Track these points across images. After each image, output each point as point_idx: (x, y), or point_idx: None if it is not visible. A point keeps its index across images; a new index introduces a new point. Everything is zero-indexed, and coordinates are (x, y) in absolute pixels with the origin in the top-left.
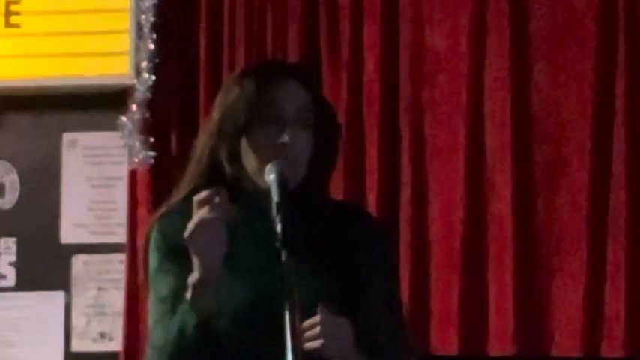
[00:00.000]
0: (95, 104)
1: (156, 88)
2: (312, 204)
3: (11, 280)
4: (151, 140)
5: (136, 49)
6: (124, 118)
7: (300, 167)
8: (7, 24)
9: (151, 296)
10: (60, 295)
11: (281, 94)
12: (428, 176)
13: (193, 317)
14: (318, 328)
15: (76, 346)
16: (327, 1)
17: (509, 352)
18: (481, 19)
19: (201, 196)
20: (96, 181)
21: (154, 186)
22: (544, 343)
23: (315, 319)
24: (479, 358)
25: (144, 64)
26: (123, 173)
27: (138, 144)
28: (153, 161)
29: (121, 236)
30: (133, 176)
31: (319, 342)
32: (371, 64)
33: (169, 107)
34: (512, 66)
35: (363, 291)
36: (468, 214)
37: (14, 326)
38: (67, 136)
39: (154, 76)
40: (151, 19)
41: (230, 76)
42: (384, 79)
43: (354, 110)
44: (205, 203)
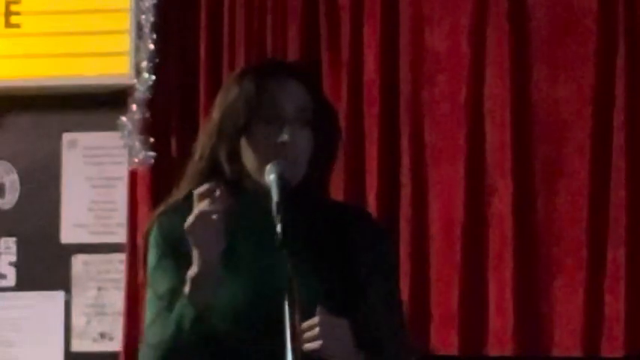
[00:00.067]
0: (95, 104)
1: (156, 88)
2: (313, 204)
3: (11, 280)
4: (151, 140)
5: (136, 49)
6: (124, 118)
7: (300, 166)
8: (7, 24)
9: (148, 293)
10: (60, 295)
11: (281, 93)
12: (428, 176)
13: (191, 311)
14: (317, 330)
15: (76, 346)
16: (327, 1)
17: (509, 352)
18: (481, 19)
19: (201, 189)
20: (96, 181)
21: (154, 186)
22: (544, 343)
23: (314, 320)
24: (479, 358)
25: (144, 64)
26: (123, 173)
27: (138, 144)
28: (153, 161)
29: (121, 236)
30: (133, 176)
31: (318, 343)
32: (371, 64)
33: (169, 107)
34: (512, 66)
35: (363, 291)
36: (468, 214)
37: (14, 326)
38: (67, 136)
39: (153, 76)
40: (151, 19)
41: (230, 76)
42: (384, 79)
43: (354, 110)
44: (206, 196)
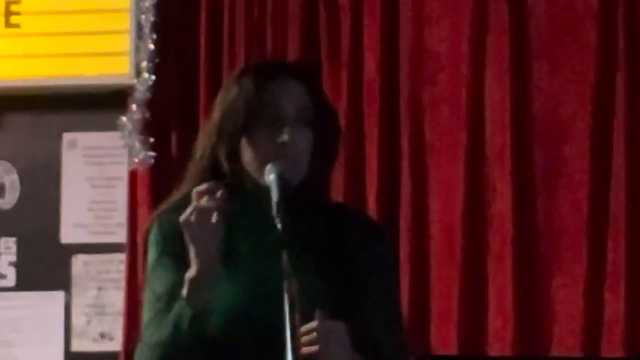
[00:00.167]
0: (95, 104)
1: (156, 88)
2: (313, 204)
3: (11, 280)
4: (151, 140)
5: (136, 49)
6: (124, 118)
7: (300, 166)
8: (7, 24)
9: (146, 292)
10: (60, 295)
11: (280, 93)
12: (428, 176)
13: (189, 312)
14: (314, 334)
15: (76, 346)
16: (327, 1)
17: (509, 352)
18: (481, 19)
19: (201, 187)
20: (96, 181)
21: (154, 186)
22: (544, 343)
23: (312, 324)
24: (479, 358)
25: (144, 64)
26: (123, 173)
27: (138, 144)
28: (153, 161)
29: (121, 236)
30: (133, 176)
31: (315, 348)
32: (371, 64)
33: (169, 107)
34: (512, 66)
35: (362, 291)
36: (468, 213)
37: (14, 326)
38: (67, 136)
39: (154, 76)
40: (151, 19)
41: (230, 76)
42: (384, 79)
43: (354, 110)
44: (204, 194)
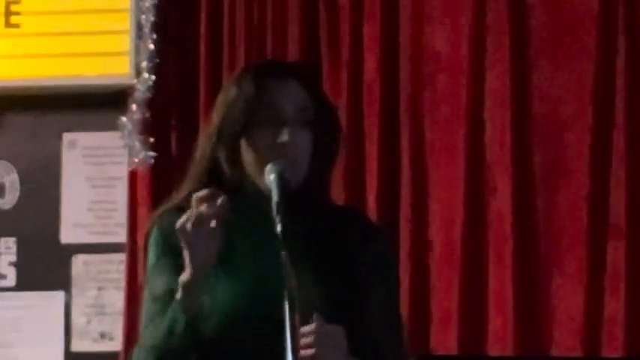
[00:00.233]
0: (95, 104)
1: (156, 88)
2: (313, 204)
3: (11, 280)
4: (151, 140)
5: (136, 49)
6: (124, 118)
7: (300, 167)
8: (7, 24)
9: (145, 293)
10: (60, 295)
11: (280, 93)
12: (428, 176)
13: (183, 316)
14: (311, 337)
15: (76, 346)
16: (327, 1)
17: (509, 352)
18: (481, 19)
19: (201, 193)
20: (96, 181)
21: (154, 186)
22: (544, 343)
23: (309, 327)
24: (479, 358)
25: (144, 64)
26: (123, 173)
27: (138, 144)
28: (153, 161)
29: (121, 236)
30: (133, 176)
31: (312, 351)
32: (371, 64)
33: (169, 107)
34: (512, 66)
35: (362, 291)
36: (468, 213)
37: (14, 326)
38: (67, 136)
39: (154, 76)
40: (151, 19)
41: (230, 77)
42: (384, 79)
43: (354, 110)
44: (204, 200)
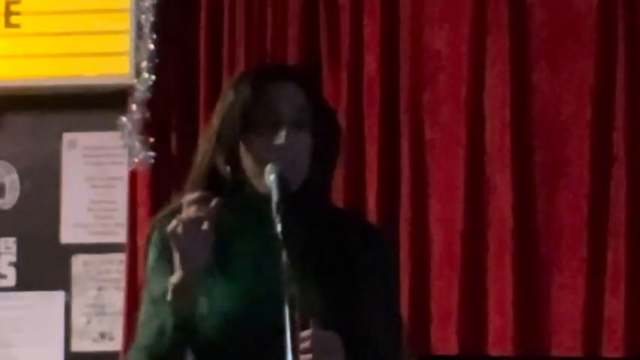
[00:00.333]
0: (95, 104)
1: (156, 88)
2: (313, 206)
3: (11, 280)
4: (151, 140)
5: (136, 49)
6: (124, 118)
7: (299, 169)
8: (7, 24)
9: (144, 295)
10: (60, 295)
11: (277, 97)
12: (428, 176)
13: (172, 318)
14: (307, 343)
15: (76, 346)
16: (327, 1)
17: (509, 352)
18: (481, 19)
19: (192, 196)
20: (96, 181)
21: (154, 186)
22: (544, 343)
23: (306, 333)
24: (479, 358)
25: (144, 64)
26: (123, 173)
27: (138, 144)
28: (153, 161)
29: (121, 236)
30: (133, 176)
31: (308, 357)
32: (371, 64)
33: (169, 107)
34: (512, 66)
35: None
36: (468, 213)
37: (14, 326)
38: (67, 136)
39: (154, 76)
40: (151, 19)
41: (228, 81)
42: (384, 79)
43: (354, 110)
44: (195, 203)
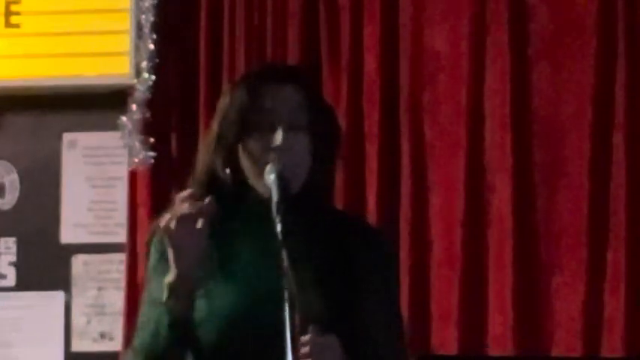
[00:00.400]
0: (95, 104)
1: (156, 88)
2: (314, 208)
3: (11, 280)
4: (151, 140)
5: (136, 49)
6: (124, 118)
7: (298, 169)
8: (7, 24)
9: (143, 296)
10: (60, 295)
11: (273, 98)
12: (428, 176)
13: (167, 317)
14: (306, 348)
15: (76, 346)
16: (327, 1)
17: (509, 352)
18: (481, 20)
19: (184, 193)
20: (96, 181)
21: (154, 186)
22: (544, 343)
23: (306, 337)
24: (479, 358)
25: (144, 64)
26: (123, 173)
27: (138, 144)
28: (153, 161)
29: (121, 236)
30: (133, 176)
31: None
32: (371, 64)
33: (169, 107)
34: (512, 66)
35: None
36: (468, 213)
37: (14, 326)
38: (67, 136)
39: (154, 76)
40: (151, 19)
41: (228, 85)
42: (384, 80)
43: (354, 110)
44: (186, 201)
